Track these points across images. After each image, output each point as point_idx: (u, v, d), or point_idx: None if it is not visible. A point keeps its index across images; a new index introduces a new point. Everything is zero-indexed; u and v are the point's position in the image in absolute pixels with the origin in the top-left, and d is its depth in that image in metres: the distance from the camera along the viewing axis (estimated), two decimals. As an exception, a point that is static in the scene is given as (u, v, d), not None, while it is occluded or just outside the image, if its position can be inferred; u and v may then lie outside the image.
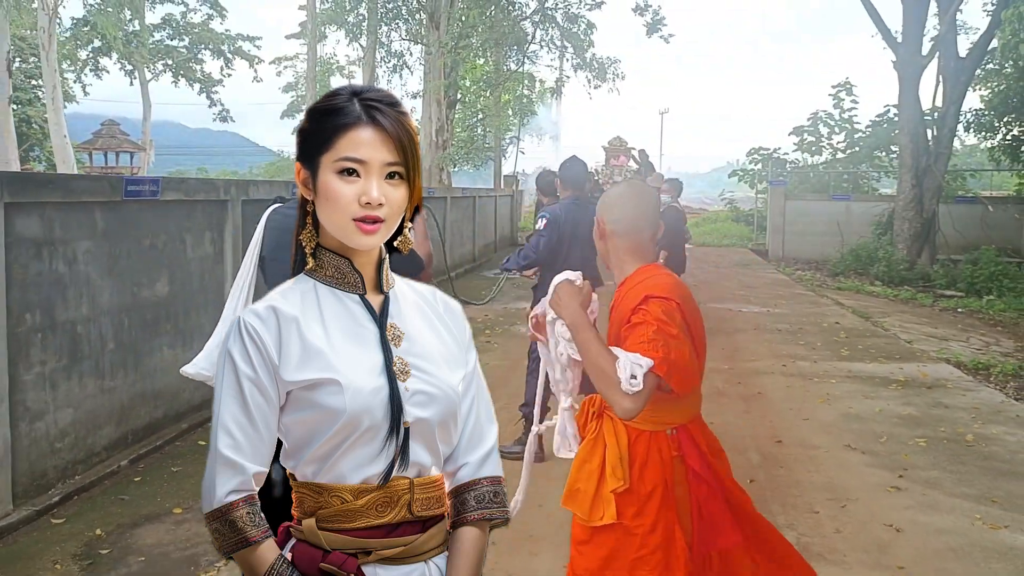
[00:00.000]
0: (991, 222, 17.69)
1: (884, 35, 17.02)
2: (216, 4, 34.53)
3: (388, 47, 23.90)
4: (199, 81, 35.69)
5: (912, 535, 4.29)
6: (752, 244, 24.02)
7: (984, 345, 10.02)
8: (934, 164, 16.63)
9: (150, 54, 32.28)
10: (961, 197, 19.24)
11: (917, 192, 16.65)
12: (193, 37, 34.92)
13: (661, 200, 7.33)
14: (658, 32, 23.48)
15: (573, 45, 25.37)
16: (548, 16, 23.33)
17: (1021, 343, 10.23)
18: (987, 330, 11.35)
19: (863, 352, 9.08)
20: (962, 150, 34.06)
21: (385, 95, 1.39)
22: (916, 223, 16.77)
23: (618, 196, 2.47)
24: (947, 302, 13.95)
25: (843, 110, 23.29)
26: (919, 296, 14.51)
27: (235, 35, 35.53)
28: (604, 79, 25.99)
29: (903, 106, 16.75)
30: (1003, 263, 15.89)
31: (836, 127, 23.22)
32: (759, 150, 23.97)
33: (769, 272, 18.04)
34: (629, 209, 2.41)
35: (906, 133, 16.76)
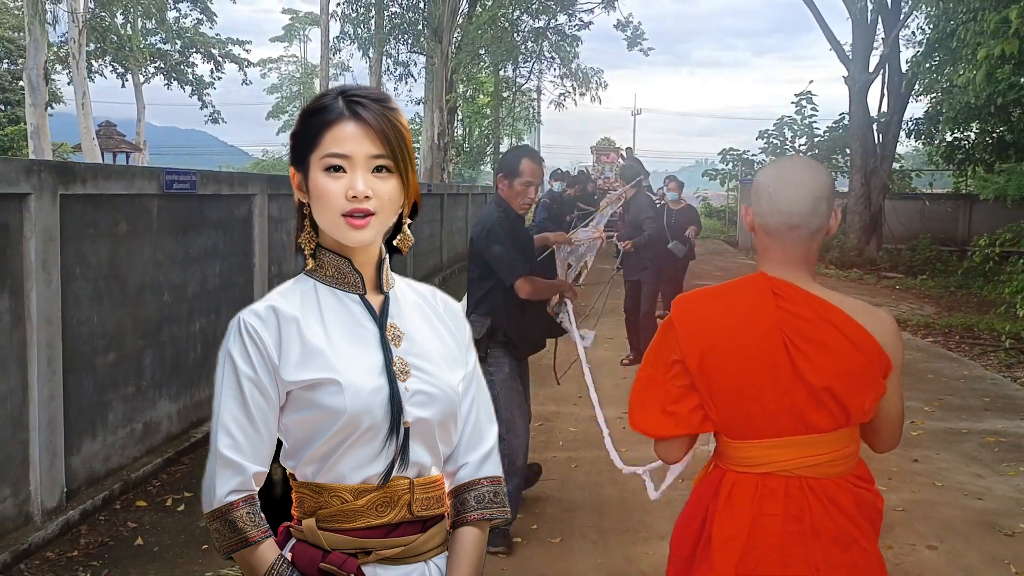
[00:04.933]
0: (929, 215, 20.41)
1: (838, 53, 19.63)
2: (206, 9, 36.05)
3: (396, 57, 26.15)
4: (190, 83, 37.06)
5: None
6: (724, 236, 26.70)
7: (909, 309, 12.60)
8: (880, 166, 19.29)
9: (143, 58, 33.56)
10: (905, 194, 21.97)
11: (866, 189, 19.30)
12: (185, 41, 36.15)
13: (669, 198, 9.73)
14: (638, 46, 25.98)
15: (561, 57, 27.83)
16: (541, 32, 25.74)
17: (938, 309, 12.83)
18: (916, 300, 13.98)
19: (813, 312, 11.64)
20: (914, 153, 37.13)
21: (372, 92, 1.40)
22: (865, 216, 19.42)
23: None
24: (888, 281, 16.62)
25: (804, 116, 25.99)
26: (866, 277, 17.15)
27: (225, 39, 36.84)
28: (588, 88, 28.50)
29: (853, 115, 19.42)
30: (937, 250, 18.64)
31: (798, 131, 25.90)
32: (730, 151, 26.59)
33: (740, 259, 20.67)
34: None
35: (856, 138, 19.43)
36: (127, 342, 4.84)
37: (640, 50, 26.47)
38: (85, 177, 4.36)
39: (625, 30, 26.14)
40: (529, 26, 25.79)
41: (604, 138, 24.96)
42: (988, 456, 5.51)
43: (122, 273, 4.79)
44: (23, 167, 3.96)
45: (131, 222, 4.86)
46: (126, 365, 4.84)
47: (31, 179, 3.92)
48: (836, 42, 19.52)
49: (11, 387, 3.88)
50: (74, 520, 4.19)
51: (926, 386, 7.25)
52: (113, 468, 4.70)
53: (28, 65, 20.57)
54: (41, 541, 3.94)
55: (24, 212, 3.92)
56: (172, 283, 5.32)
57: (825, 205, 1.83)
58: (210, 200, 5.85)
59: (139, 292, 4.97)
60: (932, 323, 10.93)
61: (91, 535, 4.14)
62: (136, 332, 4.94)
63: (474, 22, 24.31)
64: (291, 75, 55.43)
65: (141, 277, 4.99)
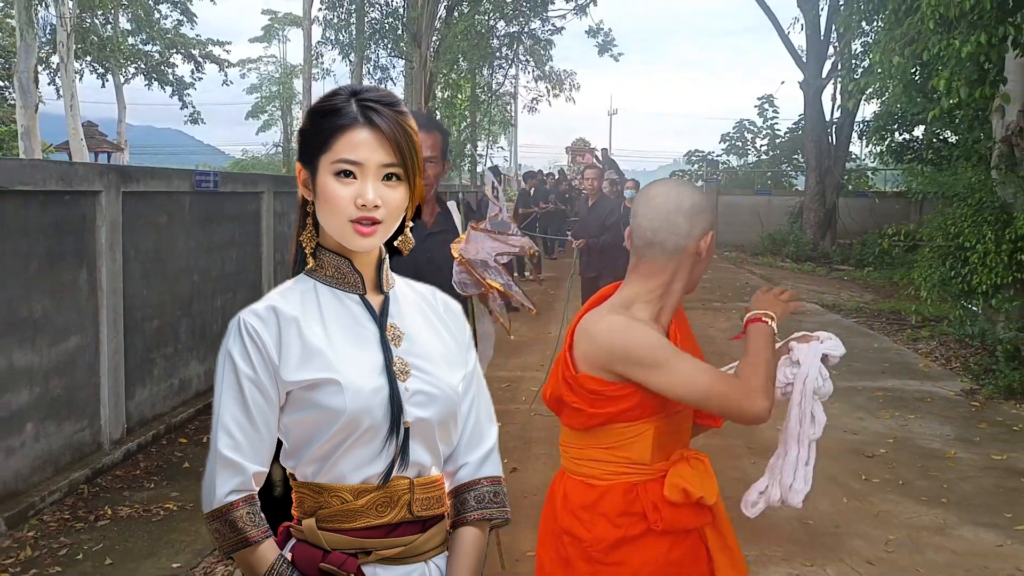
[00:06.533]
0: (879, 212, 21.79)
1: (795, 59, 20.91)
2: (187, 11, 36.63)
3: (376, 62, 27.19)
4: (171, 84, 37.58)
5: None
6: (691, 234, 28.01)
7: (849, 296, 13.87)
8: (834, 166, 20.64)
9: (124, 58, 34.13)
10: (857, 192, 23.36)
11: (821, 188, 20.62)
12: (166, 42, 36.61)
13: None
14: (609, 52, 27.19)
15: (535, 60, 28.97)
16: (515, 36, 26.88)
17: (876, 297, 14.11)
18: (858, 289, 15.27)
19: (759, 298, 12.90)
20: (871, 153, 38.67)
21: (384, 95, 1.39)
22: (820, 213, 20.73)
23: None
24: (839, 273, 17.92)
25: (766, 119, 27.36)
26: (818, 269, 18.46)
27: (205, 39, 37.43)
28: (561, 89, 29.69)
29: (808, 118, 20.73)
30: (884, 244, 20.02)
31: (760, 133, 27.28)
32: (695, 152, 27.93)
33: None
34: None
35: (811, 140, 20.74)
36: (167, 312, 5.93)
37: (611, 56, 27.70)
38: (139, 177, 5.44)
39: (596, 36, 27.36)
40: (504, 31, 26.94)
41: (579, 138, 26.28)
42: (873, 406, 6.71)
43: (163, 257, 5.87)
44: (97, 170, 5.05)
45: (169, 215, 5.94)
46: (166, 331, 5.92)
47: (103, 179, 5.00)
48: (792, 46, 20.81)
49: (88, 341, 4.97)
50: (133, 450, 5.28)
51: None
52: (158, 413, 5.79)
53: (19, 68, 21.28)
54: (111, 463, 5.03)
55: (97, 206, 5.00)
56: (200, 266, 6.40)
57: (682, 219, 1.88)
58: (228, 197, 6.93)
59: (176, 273, 6.05)
60: (863, 308, 12.20)
61: (147, 461, 5.24)
62: (173, 305, 6.02)
63: (452, 28, 25.41)
64: (270, 75, 55.86)
65: (177, 261, 6.07)
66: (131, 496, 4.69)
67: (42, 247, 4.55)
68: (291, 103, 51.02)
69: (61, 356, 4.72)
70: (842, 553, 4.05)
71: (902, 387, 7.33)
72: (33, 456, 4.49)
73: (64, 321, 4.75)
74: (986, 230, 8.14)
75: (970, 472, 5.24)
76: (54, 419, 4.67)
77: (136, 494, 4.73)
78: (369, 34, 26.85)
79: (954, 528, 4.38)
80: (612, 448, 1.91)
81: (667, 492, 1.88)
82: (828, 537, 4.24)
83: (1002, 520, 4.48)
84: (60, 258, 4.71)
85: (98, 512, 4.44)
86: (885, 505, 4.68)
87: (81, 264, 4.90)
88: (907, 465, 5.33)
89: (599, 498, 1.91)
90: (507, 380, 7.20)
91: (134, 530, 4.25)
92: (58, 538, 4.12)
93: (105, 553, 3.99)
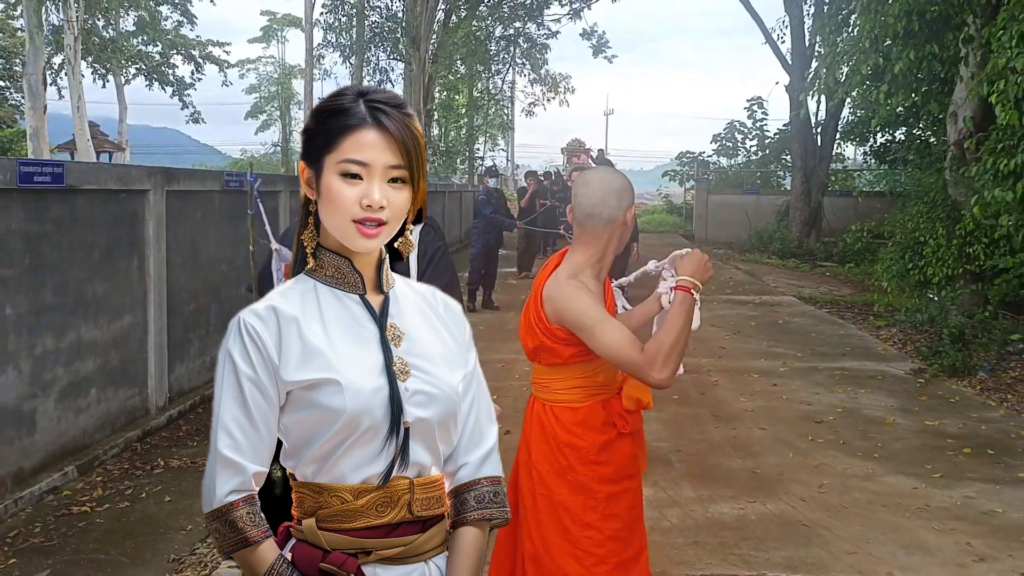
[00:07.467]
0: (861, 211, 22.59)
1: (781, 63, 21.72)
2: (187, 11, 37.22)
3: (376, 64, 27.94)
4: (171, 84, 38.14)
5: (728, 357, 8.76)
6: (682, 231, 28.78)
7: (828, 290, 14.66)
8: (819, 166, 21.44)
9: (126, 59, 34.75)
10: (841, 191, 24.18)
11: (806, 187, 21.42)
12: (167, 43, 37.16)
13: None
14: (603, 54, 27.96)
15: (531, 64, 29.74)
16: (512, 40, 27.66)
17: (853, 291, 14.90)
18: (837, 284, 16.06)
19: (741, 290, 13.69)
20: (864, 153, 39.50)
21: (391, 96, 1.39)
22: (805, 211, 21.54)
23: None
24: (821, 269, 18.72)
25: (755, 120, 28.16)
26: (802, 265, 19.25)
27: (205, 40, 38.02)
28: (557, 92, 30.47)
29: (793, 120, 21.52)
30: (866, 242, 20.82)
31: (749, 134, 28.08)
32: (686, 154, 28.73)
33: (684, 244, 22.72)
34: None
35: (797, 141, 21.54)
36: (200, 298, 6.69)
37: (604, 57, 28.47)
38: (179, 178, 6.21)
39: (590, 39, 28.13)
40: (501, 33, 27.72)
41: (575, 139, 27.02)
42: (830, 383, 7.50)
43: (197, 248, 6.63)
44: (145, 172, 5.82)
45: (203, 211, 6.70)
46: (200, 314, 6.69)
47: (150, 179, 5.77)
48: (778, 49, 21.61)
49: (138, 320, 5.73)
50: (174, 417, 6.05)
51: (806, 341, 9.27)
52: (193, 386, 6.57)
53: (28, 71, 21.96)
54: (157, 427, 5.81)
55: (146, 203, 5.77)
56: (227, 257, 7.16)
57: (614, 199, 2.45)
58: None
59: (208, 263, 6.81)
60: (837, 300, 12.99)
61: (188, 425, 6.01)
62: (205, 291, 6.78)
63: (450, 31, 26.18)
64: (269, 76, 56.38)
65: (208, 252, 6.83)
66: (179, 452, 5.46)
67: (103, 238, 5.32)
68: (290, 103, 51.71)
69: (117, 333, 5.49)
70: (781, 493, 4.84)
71: (859, 367, 8.12)
72: (96, 416, 5.27)
73: (119, 302, 5.52)
74: (939, 226, 8.96)
75: (904, 435, 6.02)
76: (112, 386, 5.44)
77: (182, 450, 5.50)
78: (369, 37, 27.62)
79: (880, 476, 5.17)
80: (590, 375, 2.52)
81: (625, 403, 2.60)
82: (771, 482, 5.02)
83: (922, 470, 5.27)
84: (116, 248, 5.48)
85: (152, 464, 5.21)
86: (825, 459, 5.47)
87: (133, 253, 5.66)
88: (850, 429, 6.12)
89: (586, 415, 2.52)
90: (502, 362, 7.93)
91: (185, 476, 5.02)
92: (122, 482, 4.90)
93: (163, 493, 4.76)
